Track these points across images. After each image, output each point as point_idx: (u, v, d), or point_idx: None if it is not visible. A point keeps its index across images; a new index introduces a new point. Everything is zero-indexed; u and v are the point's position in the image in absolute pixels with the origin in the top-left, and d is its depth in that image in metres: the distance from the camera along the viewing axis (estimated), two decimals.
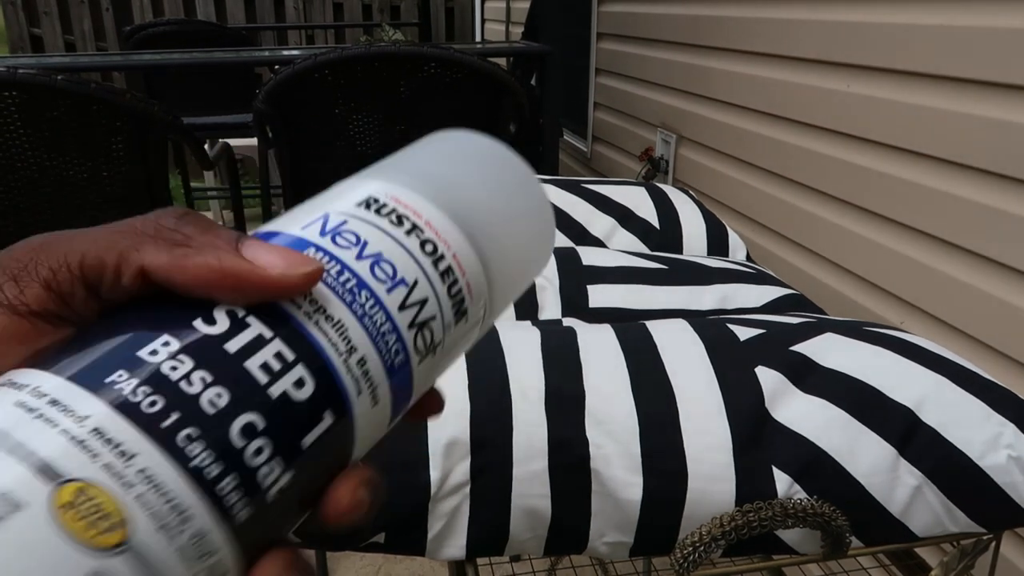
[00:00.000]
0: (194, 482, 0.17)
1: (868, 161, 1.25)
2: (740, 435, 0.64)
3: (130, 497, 0.17)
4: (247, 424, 0.18)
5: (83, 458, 0.16)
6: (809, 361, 0.70)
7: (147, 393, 0.18)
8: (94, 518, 0.16)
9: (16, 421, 0.17)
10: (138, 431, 0.17)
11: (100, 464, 0.17)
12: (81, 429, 0.17)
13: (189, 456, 0.17)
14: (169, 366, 0.18)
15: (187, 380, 0.18)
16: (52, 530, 0.16)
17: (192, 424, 0.18)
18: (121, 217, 0.21)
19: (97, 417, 0.17)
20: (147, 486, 0.17)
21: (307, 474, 0.20)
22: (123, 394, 0.17)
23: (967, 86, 1.05)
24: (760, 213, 1.61)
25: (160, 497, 0.17)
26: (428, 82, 1.57)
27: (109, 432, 0.17)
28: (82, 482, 0.16)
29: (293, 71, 1.50)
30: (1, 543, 0.15)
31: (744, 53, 1.64)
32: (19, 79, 1.27)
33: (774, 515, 0.60)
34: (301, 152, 1.62)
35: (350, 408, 0.20)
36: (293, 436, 0.19)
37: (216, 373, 0.18)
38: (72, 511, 0.16)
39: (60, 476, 0.16)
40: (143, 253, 0.19)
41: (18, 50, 4.34)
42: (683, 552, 0.59)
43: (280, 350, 0.19)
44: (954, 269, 1.08)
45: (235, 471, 0.18)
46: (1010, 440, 0.65)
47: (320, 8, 4.58)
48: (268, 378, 0.19)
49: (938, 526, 0.65)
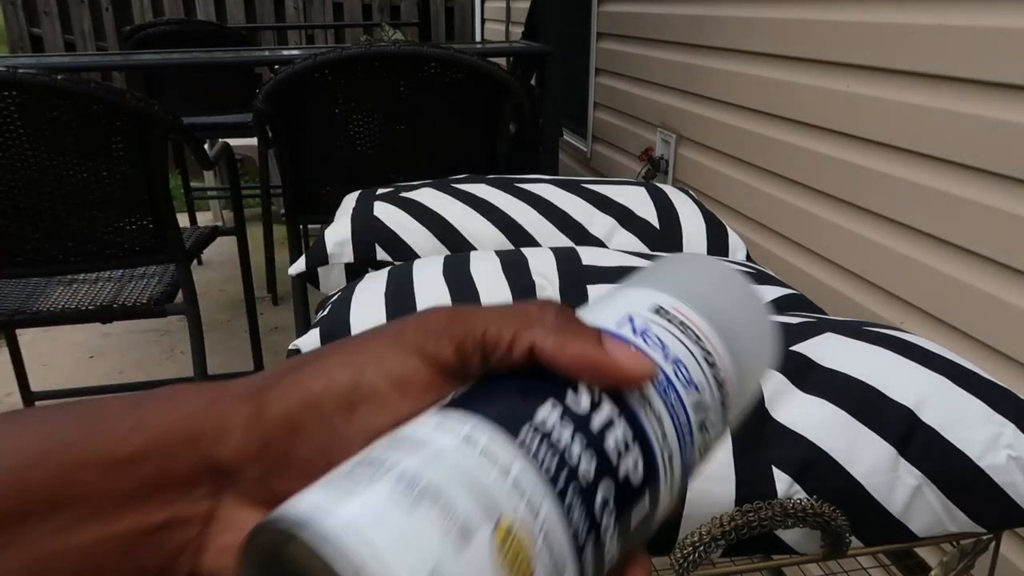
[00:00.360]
0: (572, 541, 0.19)
1: (868, 161, 1.26)
2: (740, 435, 0.64)
3: (536, 548, 0.18)
4: (605, 494, 0.20)
5: (515, 502, 0.18)
6: (809, 361, 0.70)
7: (546, 454, 0.20)
8: (516, 562, 0.17)
9: (464, 456, 0.19)
10: (543, 486, 0.19)
11: (521, 512, 0.18)
12: (509, 475, 0.19)
13: (572, 517, 0.19)
14: (557, 434, 0.20)
15: (568, 450, 0.20)
16: (489, 566, 0.17)
17: (574, 487, 0.20)
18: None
19: (518, 466, 0.19)
20: (544, 540, 0.18)
21: (624, 550, 0.21)
22: (532, 449, 0.19)
23: (967, 86, 1.05)
24: (760, 213, 1.61)
25: (549, 551, 0.18)
26: (428, 82, 1.57)
27: (524, 484, 0.19)
28: (511, 526, 0.18)
29: (293, 71, 1.50)
30: (454, 569, 0.17)
31: (744, 53, 1.64)
32: (19, 79, 1.27)
33: (774, 515, 0.60)
34: (301, 152, 1.62)
35: (659, 492, 0.22)
36: (627, 509, 0.21)
37: (586, 445, 0.20)
38: (502, 551, 0.17)
39: (499, 515, 0.18)
40: (534, 334, 0.23)
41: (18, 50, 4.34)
42: (683, 552, 0.59)
43: (625, 432, 0.22)
44: (954, 269, 1.08)
45: (595, 536, 0.20)
46: (1010, 440, 0.65)
47: (320, 8, 4.58)
48: (617, 456, 0.21)
49: (938, 526, 0.65)
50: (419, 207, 1.04)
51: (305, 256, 1.02)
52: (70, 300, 1.58)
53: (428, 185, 1.12)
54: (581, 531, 0.19)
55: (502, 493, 0.18)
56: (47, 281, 1.67)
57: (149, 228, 1.49)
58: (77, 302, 1.57)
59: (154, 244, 1.50)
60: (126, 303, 1.56)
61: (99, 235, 1.46)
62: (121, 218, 1.46)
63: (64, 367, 2.31)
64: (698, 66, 1.87)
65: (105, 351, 2.41)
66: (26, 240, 1.42)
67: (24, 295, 1.61)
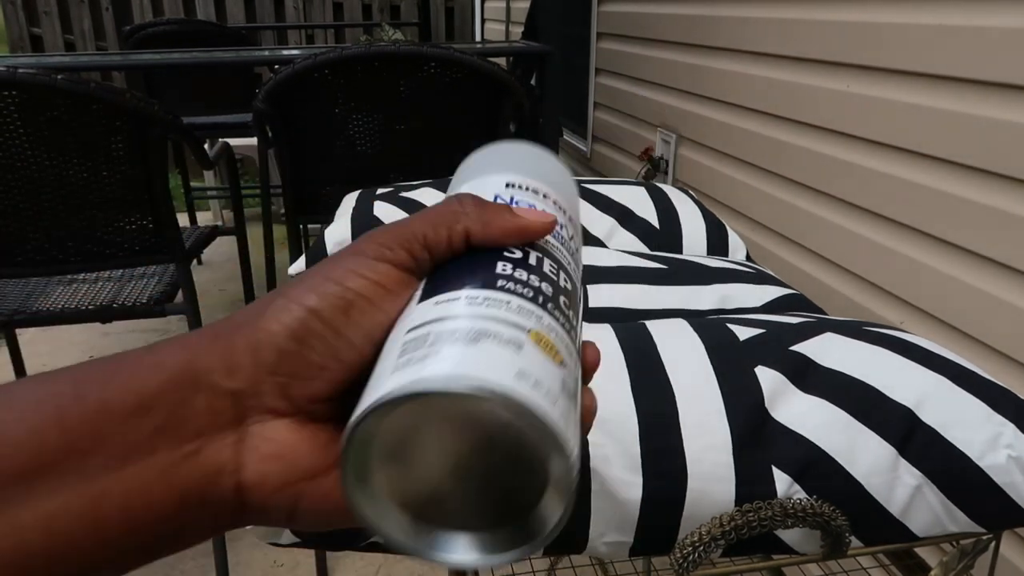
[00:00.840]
0: (565, 328, 0.27)
1: (868, 161, 1.26)
2: (740, 435, 0.64)
3: (552, 337, 0.26)
4: (562, 298, 0.28)
5: (527, 319, 0.26)
6: (809, 361, 0.70)
7: (521, 288, 0.27)
8: (548, 349, 0.25)
9: (478, 307, 0.25)
10: (532, 306, 0.26)
11: (533, 322, 0.26)
12: (511, 304, 0.26)
13: (556, 316, 0.27)
14: (519, 275, 0.28)
15: (530, 281, 0.28)
16: (538, 356, 0.24)
17: (545, 299, 0.27)
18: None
19: (514, 301, 0.26)
20: (553, 333, 0.26)
21: (580, 331, 0.30)
22: (512, 289, 0.27)
23: (967, 86, 1.05)
24: (760, 213, 1.61)
25: (558, 338, 0.26)
26: (428, 82, 1.57)
27: (524, 308, 0.26)
28: (535, 330, 0.25)
29: (293, 71, 1.50)
30: (523, 364, 0.24)
31: (744, 53, 1.64)
32: (19, 79, 1.27)
33: (774, 515, 0.60)
34: (301, 152, 1.62)
35: (579, 289, 0.32)
36: (575, 303, 0.30)
37: (537, 276, 0.28)
38: (538, 346, 0.25)
39: (526, 329, 0.25)
40: (464, 224, 0.29)
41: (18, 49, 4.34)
42: (683, 552, 0.59)
43: (550, 263, 0.30)
44: (954, 269, 1.08)
45: (570, 323, 0.28)
46: (1010, 440, 0.65)
47: (320, 8, 4.58)
48: (555, 276, 0.29)
49: (938, 526, 0.65)
50: (419, 207, 1.04)
51: (305, 256, 1.02)
52: (70, 300, 1.58)
53: (428, 185, 1.12)
54: (565, 322, 0.27)
55: (518, 316, 0.25)
56: (47, 281, 1.67)
57: (149, 228, 1.49)
58: (77, 302, 1.57)
59: (154, 244, 1.50)
60: (126, 303, 1.56)
61: (99, 235, 1.46)
62: (121, 218, 1.46)
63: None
64: (698, 66, 1.87)
65: (105, 351, 2.41)
66: (26, 240, 1.42)
67: (24, 295, 1.61)
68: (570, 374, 0.26)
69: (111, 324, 1.79)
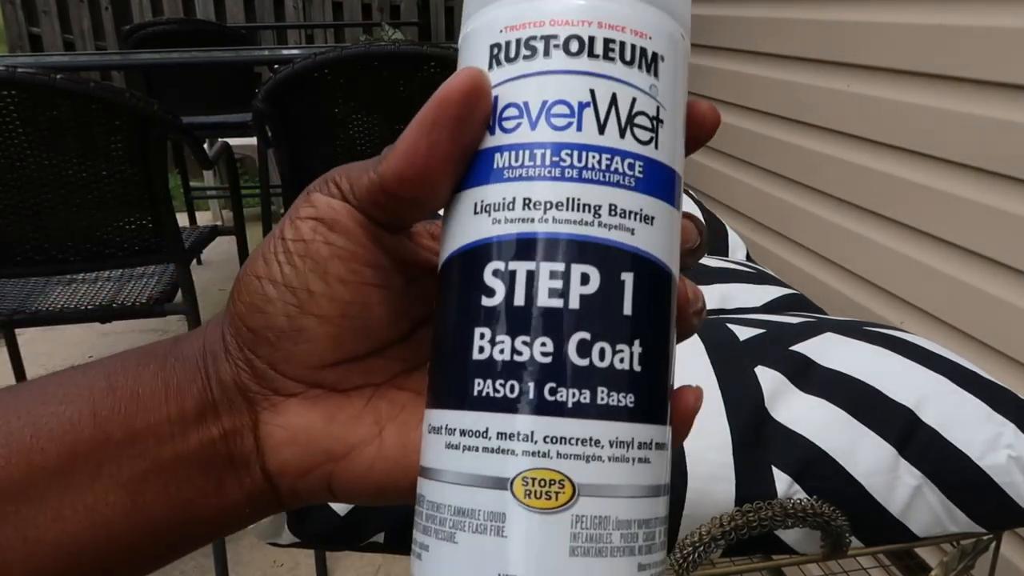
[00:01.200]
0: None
1: (868, 161, 1.25)
2: (740, 435, 0.64)
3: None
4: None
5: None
6: (809, 361, 0.70)
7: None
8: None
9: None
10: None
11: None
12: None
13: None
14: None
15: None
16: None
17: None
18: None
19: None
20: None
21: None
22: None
23: (967, 86, 1.05)
24: (760, 213, 1.61)
25: None
26: (428, 82, 1.57)
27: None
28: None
29: (293, 70, 1.49)
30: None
31: (744, 53, 1.64)
32: (18, 78, 1.27)
33: (774, 515, 0.60)
34: (301, 151, 1.62)
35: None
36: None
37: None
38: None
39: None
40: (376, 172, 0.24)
41: (17, 49, 4.34)
42: (683, 552, 0.59)
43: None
44: (954, 269, 1.08)
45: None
46: (1010, 440, 0.65)
47: (320, 7, 4.58)
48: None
49: (938, 526, 0.65)
50: None
51: None
52: (69, 300, 1.58)
53: None
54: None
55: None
56: (46, 281, 1.67)
57: (148, 228, 1.48)
58: (76, 302, 1.57)
59: (154, 244, 1.50)
60: (125, 303, 1.56)
61: (98, 235, 1.46)
62: (120, 218, 1.46)
63: (64, 367, 2.31)
64: (698, 66, 1.86)
65: (105, 351, 2.41)
66: (25, 240, 1.42)
67: (23, 295, 1.61)
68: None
69: (111, 324, 1.79)
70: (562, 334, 0.21)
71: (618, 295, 0.21)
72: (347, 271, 0.24)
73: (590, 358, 0.21)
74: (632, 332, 0.21)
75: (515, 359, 0.20)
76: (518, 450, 0.20)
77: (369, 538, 0.65)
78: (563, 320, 0.21)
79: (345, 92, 1.56)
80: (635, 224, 0.21)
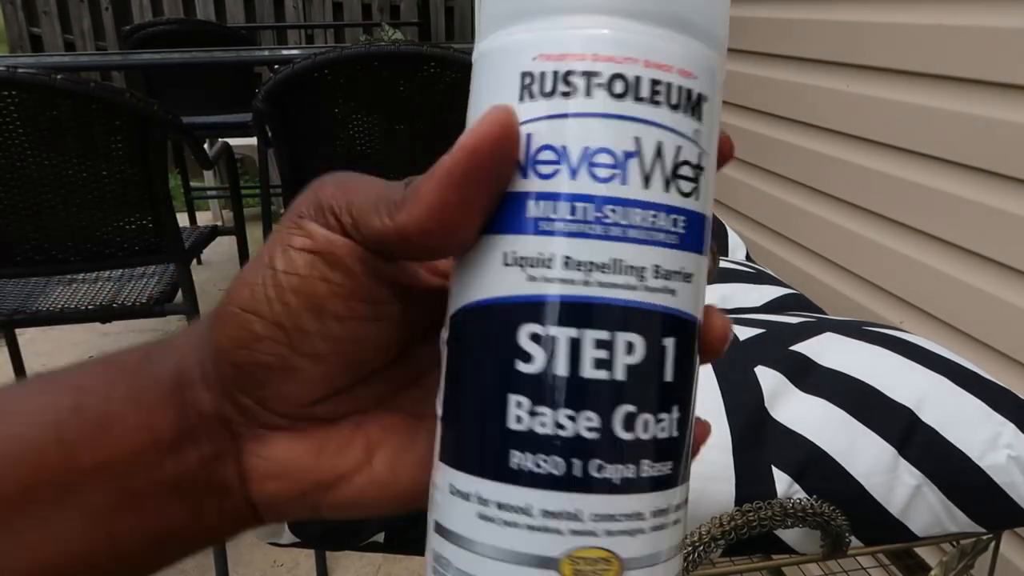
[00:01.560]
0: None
1: (868, 161, 1.25)
2: (740, 435, 0.64)
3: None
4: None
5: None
6: (809, 361, 0.70)
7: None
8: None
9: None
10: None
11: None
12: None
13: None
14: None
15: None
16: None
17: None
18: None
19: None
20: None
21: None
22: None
23: (967, 86, 1.05)
24: (760, 213, 1.61)
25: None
26: (428, 82, 1.57)
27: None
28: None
29: (292, 71, 1.49)
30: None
31: (743, 52, 1.64)
32: (18, 78, 1.27)
33: (774, 515, 0.60)
34: (301, 151, 1.62)
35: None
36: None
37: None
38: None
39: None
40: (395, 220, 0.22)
41: (17, 49, 4.34)
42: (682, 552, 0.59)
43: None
44: (954, 269, 1.08)
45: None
46: (1009, 440, 0.65)
47: (320, 7, 4.58)
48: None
49: (937, 526, 0.65)
50: None
51: None
52: (70, 300, 1.58)
53: None
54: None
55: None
56: (46, 281, 1.67)
57: (149, 228, 1.48)
58: (77, 302, 1.57)
59: (154, 244, 1.50)
60: (125, 303, 1.56)
61: (98, 235, 1.46)
62: (121, 218, 1.46)
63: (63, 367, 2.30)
64: None
65: (105, 351, 2.40)
66: (25, 240, 1.42)
67: (23, 295, 1.61)
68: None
69: (111, 324, 1.79)
70: (608, 408, 0.20)
71: (660, 362, 0.20)
72: (345, 308, 0.22)
73: (635, 432, 0.20)
74: (672, 399, 0.21)
75: (559, 433, 0.19)
76: (564, 529, 0.19)
77: (369, 538, 0.65)
78: (609, 393, 0.20)
79: (345, 92, 1.56)
80: (676, 284, 0.20)
